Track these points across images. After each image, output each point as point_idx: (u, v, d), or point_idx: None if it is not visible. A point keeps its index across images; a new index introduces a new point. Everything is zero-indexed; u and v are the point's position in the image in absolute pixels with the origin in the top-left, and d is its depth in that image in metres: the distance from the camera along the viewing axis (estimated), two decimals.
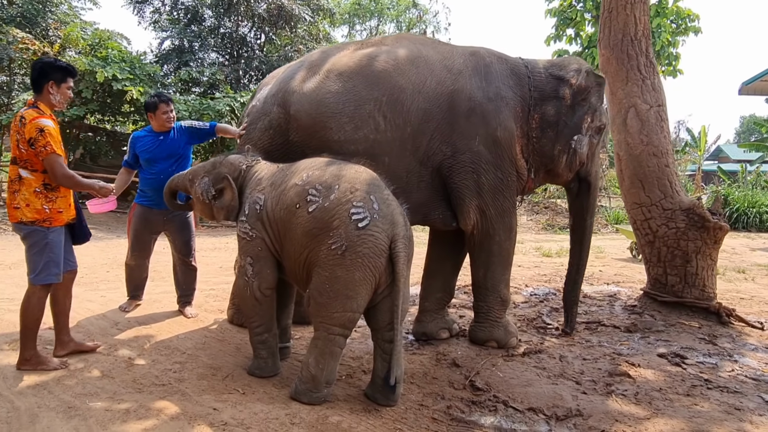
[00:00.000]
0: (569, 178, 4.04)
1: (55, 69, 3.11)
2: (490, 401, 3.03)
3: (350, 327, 2.83)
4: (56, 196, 3.09)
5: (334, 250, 2.71)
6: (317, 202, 2.80)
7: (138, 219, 4.26)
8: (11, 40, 11.92)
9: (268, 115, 3.62)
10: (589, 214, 4.18)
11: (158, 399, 2.78)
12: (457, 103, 3.61)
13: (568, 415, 2.88)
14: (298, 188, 2.89)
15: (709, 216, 4.43)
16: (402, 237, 2.78)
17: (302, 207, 2.84)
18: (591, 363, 3.60)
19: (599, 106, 3.98)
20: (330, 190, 2.81)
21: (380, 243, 2.72)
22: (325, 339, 2.79)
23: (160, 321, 4.09)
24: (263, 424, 2.56)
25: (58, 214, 3.09)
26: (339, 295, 2.73)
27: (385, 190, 2.90)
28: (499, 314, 3.85)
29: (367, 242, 2.70)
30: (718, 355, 3.80)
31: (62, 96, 3.15)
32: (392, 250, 2.74)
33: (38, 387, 2.84)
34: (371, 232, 2.71)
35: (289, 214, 2.89)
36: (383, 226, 2.74)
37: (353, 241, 2.69)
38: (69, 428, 2.43)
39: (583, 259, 4.24)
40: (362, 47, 3.75)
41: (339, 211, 2.74)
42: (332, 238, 2.72)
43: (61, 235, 3.13)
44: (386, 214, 2.77)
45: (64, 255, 3.17)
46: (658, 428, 2.73)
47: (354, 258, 2.69)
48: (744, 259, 8.83)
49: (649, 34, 4.79)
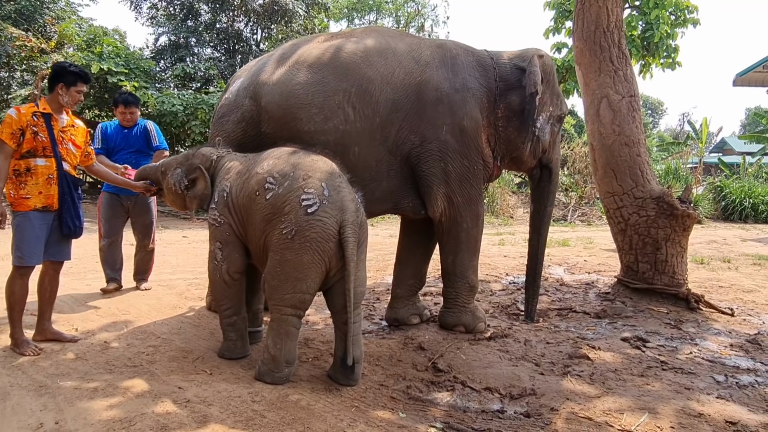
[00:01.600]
0: (533, 165, 4.18)
1: (68, 73, 3.36)
2: (449, 382, 3.15)
3: (302, 308, 2.96)
4: (22, 182, 3.24)
5: (285, 234, 2.84)
6: (274, 190, 2.93)
7: (105, 205, 4.70)
8: (9, 37, 12.06)
9: (240, 108, 3.72)
10: (549, 202, 4.31)
11: (127, 379, 2.90)
12: (425, 94, 3.70)
13: (522, 394, 3.00)
14: (259, 177, 3.04)
15: (678, 204, 4.51)
16: (351, 223, 2.88)
17: (261, 194, 2.98)
18: (554, 346, 3.70)
19: (560, 95, 4.16)
20: (285, 178, 2.95)
21: (329, 228, 2.84)
22: (279, 320, 2.92)
23: (138, 307, 4.22)
24: (225, 402, 2.68)
25: (22, 200, 3.23)
26: (289, 277, 2.86)
27: (337, 178, 3.00)
28: (467, 300, 3.96)
29: (315, 227, 2.82)
30: (680, 338, 3.90)
31: (71, 98, 3.38)
32: (341, 235, 2.85)
33: (13, 367, 2.97)
34: (319, 218, 2.83)
35: (250, 201, 3.04)
36: (332, 212, 2.86)
37: (302, 226, 2.82)
38: (38, 405, 2.56)
39: (542, 247, 4.37)
40: (331, 39, 3.85)
41: (291, 198, 2.87)
42: (283, 223, 2.85)
43: (29, 221, 3.23)
44: (336, 201, 2.88)
45: (49, 245, 3.34)
46: (606, 406, 2.83)
47: (302, 242, 2.81)
48: (733, 249, 8.88)
49: (622, 25, 4.85)
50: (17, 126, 3.19)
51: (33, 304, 3.54)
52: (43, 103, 3.32)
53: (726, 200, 14.66)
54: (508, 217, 13.93)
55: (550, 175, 4.25)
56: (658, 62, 9.00)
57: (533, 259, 4.37)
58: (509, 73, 3.92)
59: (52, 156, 3.29)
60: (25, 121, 3.21)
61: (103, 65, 10.76)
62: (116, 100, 4.77)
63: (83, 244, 7.44)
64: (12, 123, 3.18)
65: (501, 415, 2.77)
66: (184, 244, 8.26)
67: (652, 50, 8.90)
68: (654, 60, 8.99)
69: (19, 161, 3.23)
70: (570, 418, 2.70)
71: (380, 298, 4.95)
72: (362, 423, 2.56)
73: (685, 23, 8.98)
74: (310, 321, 4.18)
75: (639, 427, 2.61)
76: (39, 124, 3.25)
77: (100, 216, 4.73)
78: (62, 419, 2.43)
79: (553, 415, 2.73)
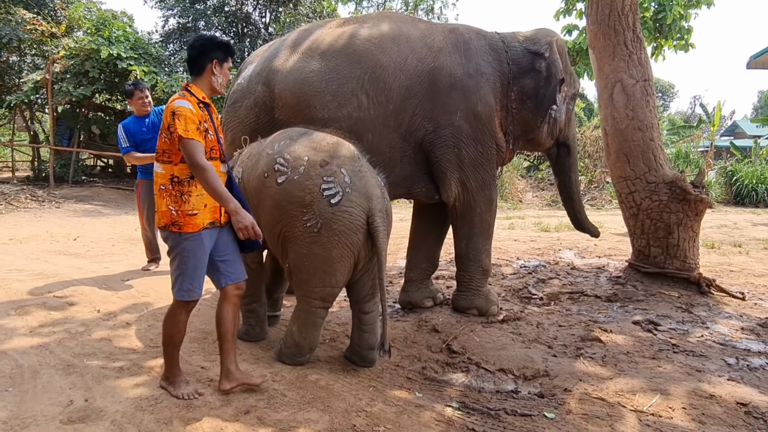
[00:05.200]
0: (550, 145, 4.27)
1: (218, 46, 2.62)
2: (463, 363, 3.21)
3: (330, 300, 2.93)
4: (186, 192, 2.49)
5: (310, 227, 2.72)
6: (286, 174, 2.79)
7: (145, 192, 4.91)
8: (19, 21, 12.08)
9: (253, 94, 3.75)
10: (573, 171, 4.49)
11: (151, 359, 3.00)
12: (438, 80, 3.72)
13: (535, 376, 3.06)
14: (269, 157, 2.91)
15: (691, 189, 4.51)
16: (379, 211, 2.78)
17: (270, 176, 2.83)
18: (566, 329, 3.75)
19: (572, 73, 4.24)
20: (299, 161, 2.79)
21: (356, 219, 2.73)
22: (307, 311, 2.92)
23: (157, 290, 4.31)
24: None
25: (188, 217, 2.48)
26: (318, 271, 2.78)
27: (357, 161, 2.87)
28: (481, 283, 4.01)
29: (341, 219, 2.70)
30: (691, 322, 3.94)
31: (224, 78, 2.65)
32: (370, 226, 2.75)
33: (41, 347, 3.06)
34: (345, 209, 2.71)
35: (260, 183, 2.90)
36: (358, 201, 2.74)
37: (328, 219, 2.69)
38: (67, 383, 2.65)
39: (578, 203, 4.58)
40: (344, 25, 3.86)
41: (309, 186, 2.72)
42: (306, 215, 2.72)
43: (199, 242, 2.51)
44: (359, 188, 2.76)
45: (227, 265, 2.64)
46: (619, 387, 2.89)
47: (330, 236, 2.70)
48: (744, 233, 8.86)
49: (637, 9, 4.80)
50: (199, 119, 2.48)
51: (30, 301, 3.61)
52: (196, 90, 2.57)
53: (737, 184, 14.54)
54: (517, 201, 13.91)
55: (568, 152, 4.38)
56: (671, 44, 8.89)
57: (573, 216, 4.66)
58: (521, 56, 3.93)
59: (217, 157, 2.58)
60: (200, 114, 2.51)
61: (113, 50, 10.76)
62: (129, 90, 4.86)
63: (98, 229, 7.60)
64: (194, 117, 2.45)
65: (515, 396, 2.83)
66: None
67: (665, 32, 8.78)
68: (666, 42, 8.87)
69: (181, 166, 2.49)
70: (583, 398, 2.76)
71: (393, 282, 5.01)
72: (380, 402, 2.63)
73: (699, 4, 8.81)
74: None
75: (651, 407, 2.66)
76: (206, 118, 2.55)
77: (139, 202, 4.99)
78: (91, 397, 2.52)
79: (566, 396, 2.79)
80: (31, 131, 13.48)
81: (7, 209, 9.15)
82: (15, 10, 12.25)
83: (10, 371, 2.75)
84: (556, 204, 13.85)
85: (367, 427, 2.37)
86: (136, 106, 4.80)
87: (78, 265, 5.10)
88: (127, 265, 5.16)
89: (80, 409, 2.41)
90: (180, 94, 2.53)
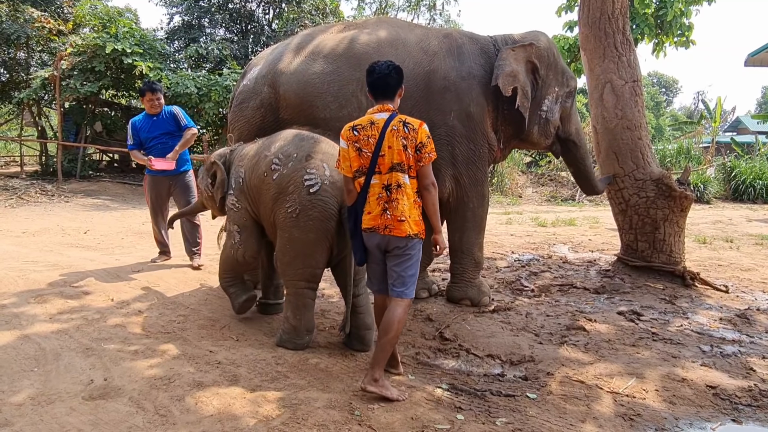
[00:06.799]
0: (548, 144, 4.45)
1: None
2: (454, 349, 3.43)
3: (315, 281, 3.21)
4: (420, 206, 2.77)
5: (290, 213, 3.08)
6: (279, 170, 3.17)
7: (150, 187, 5.14)
8: (27, 18, 12.31)
9: (259, 95, 3.97)
10: (587, 158, 4.72)
11: (163, 343, 3.22)
12: (433, 83, 3.93)
13: (521, 361, 3.27)
14: (267, 159, 3.27)
15: (676, 186, 4.71)
16: None
17: (268, 175, 3.22)
18: (553, 319, 3.97)
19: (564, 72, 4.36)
20: (289, 158, 3.17)
21: (330, 208, 3.06)
22: (296, 294, 3.20)
23: (167, 281, 4.53)
24: (252, 364, 2.98)
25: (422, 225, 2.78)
26: (299, 254, 3.12)
27: None
28: (473, 275, 4.22)
29: (317, 207, 3.05)
30: (673, 312, 4.15)
31: None
32: (341, 216, 3.06)
33: (60, 332, 3.29)
34: (321, 197, 3.05)
35: (261, 182, 3.28)
36: (333, 192, 3.07)
37: (305, 206, 3.05)
38: (87, 364, 2.87)
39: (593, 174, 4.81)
40: (345, 30, 4.07)
41: (294, 177, 3.10)
42: (288, 202, 3.09)
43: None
44: (337, 181, 3.08)
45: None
46: (598, 371, 3.10)
47: (307, 221, 3.05)
48: (737, 229, 9.03)
49: (627, 12, 4.99)
50: None
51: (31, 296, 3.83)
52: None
53: (736, 180, 14.68)
54: (516, 197, 14.11)
55: (575, 145, 4.57)
56: (672, 40, 9.01)
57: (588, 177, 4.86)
58: None
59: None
60: None
61: (118, 46, 10.97)
62: (143, 90, 5.07)
63: (107, 222, 7.84)
64: None
65: (501, 378, 3.05)
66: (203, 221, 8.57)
67: (666, 28, 8.90)
68: (667, 38, 8.99)
69: (415, 181, 2.73)
70: (564, 381, 2.98)
71: None
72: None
73: (700, 0, 8.91)
74: (325, 294, 4.47)
75: (626, 389, 2.88)
76: None
77: (147, 197, 5.21)
78: (110, 376, 2.74)
79: (548, 379, 3.01)
80: (39, 127, 13.74)
81: (18, 203, 9.41)
82: (23, 7, 12.48)
83: (34, 353, 2.98)
84: (555, 200, 14.05)
85: (363, 405, 2.58)
86: (145, 105, 5.06)
87: (90, 257, 5.34)
88: (137, 257, 5.39)
89: (100, 387, 2.63)
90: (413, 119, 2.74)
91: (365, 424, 2.40)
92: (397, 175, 2.68)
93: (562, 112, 4.37)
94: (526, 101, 4.08)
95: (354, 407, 2.55)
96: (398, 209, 2.67)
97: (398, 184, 2.67)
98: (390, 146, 2.66)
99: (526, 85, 4.08)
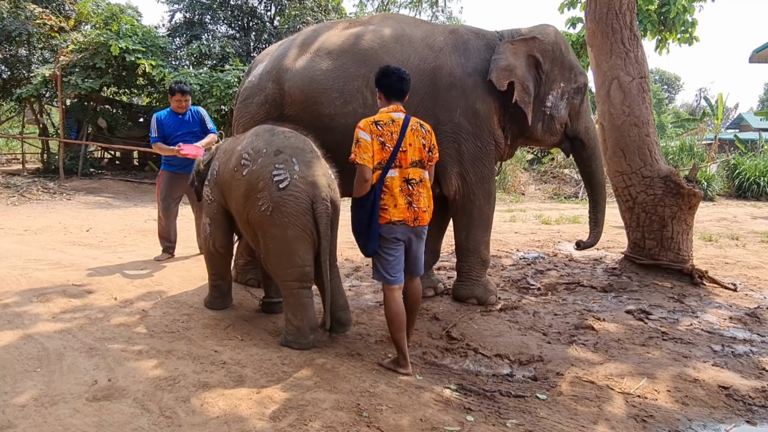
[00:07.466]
0: (555, 141, 4.37)
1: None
2: (462, 349, 3.39)
3: (306, 279, 3.15)
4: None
5: (264, 211, 3.05)
6: (249, 166, 3.14)
7: (165, 182, 5.17)
8: (29, 15, 12.25)
9: (263, 91, 3.93)
10: (593, 162, 4.54)
11: (167, 343, 3.18)
12: (439, 79, 3.87)
13: (530, 361, 3.23)
14: (237, 153, 3.26)
15: (684, 183, 4.66)
16: (323, 198, 3.07)
17: (238, 170, 3.20)
18: (561, 318, 3.92)
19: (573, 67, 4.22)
20: (259, 154, 3.14)
21: (302, 203, 3.03)
22: (291, 295, 3.16)
23: (170, 279, 4.50)
24: (257, 364, 2.94)
25: None
26: (282, 253, 3.09)
27: (309, 154, 3.18)
28: (480, 273, 4.18)
29: (289, 203, 3.02)
30: (682, 311, 4.10)
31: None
32: (314, 211, 3.05)
33: (64, 332, 3.25)
34: (291, 193, 3.02)
35: (231, 177, 3.27)
36: (304, 187, 3.04)
37: (277, 202, 3.02)
38: (90, 365, 2.84)
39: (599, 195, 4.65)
40: (350, 27, 4.02)
41: (263, 174, 3.07)
42: (260, 200, 3.06)
43: None
44: (307, 176, 3.07)
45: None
46: (608, 371, 3.06)
47: (281, 217, 3.02)
48: (743, 226, 8.98)
49: (634, 7, 4.93)
50: None
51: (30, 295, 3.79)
52: None
53: (740, 178, 14.60)
54: (519, 194, 14.05)
55: (582, 145, 4.43)
56: (675, 37, 8.95)
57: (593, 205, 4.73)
58: None
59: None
60: None
61: (121, 44, 10.91)
62: (173, 89, 5.10)
63: (109, 220, 7.80)
64: None
65: (510, 379, 3.01)
66: None
67: (669, 25, 8.85)
68: (671, 35, 8.94)
69: None
70: (574, 381, 2.94)
71: None
72: (383, 384, 2.80)
73: None
74: None
75: (638, 390, 2.83)
76: None
77: (159, 193, 5.20)
78: (114, 377, 2.70)
79: (558, 379, 2.97)
80: (41, 124, 13.69)
81: (20, 201, 9.38)
82: (24, 4, 12.42)
83: (37, 353, 2.94)
84: (558, 197, 13.99)
85: (371, 406, 2.54)
86: (173, 104, 5.10)
87: (93, 255, 5.30)
88: (140, 255, 5.36)
89: (104, 388, 2.59)
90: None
91: (374, 426, 2.37)
92: (418, 170, 2.96)
93: (570, 109, 4.27)
94: (527, 96, 3.98)
95: (362, 408, 2.51)
96: (422, 201, 2.95)
97: (420, 179, 2.96)
98: (411, 144, 2.93)
99: (525, 80, 3.98)
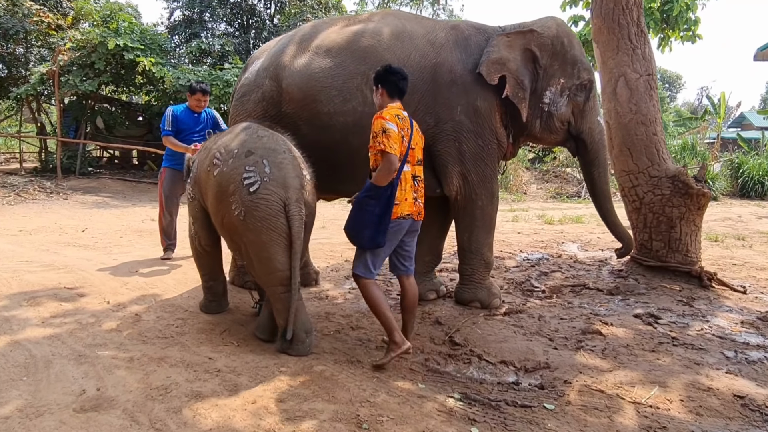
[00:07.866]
0: (556, 140, 4.22)
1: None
2: (465, 355, 3.27)
3: (288, 283, 3.00)
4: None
5: (237, 216, 2.94)
6: (219, 167, 3.03)
7: (168, 180, 5.16)
8: (26, 13, 12.13)
9: (260, 88, 3.81)
10: (595, 167, 4.31)
11: (160, 349, 3.07)
12: (440, 76, 3.76)
13: (536, 368, 3.11)
14: (211, 153, 3.16)
15: (693, 183, 4.54)
16: (296, 201, 2.95)
17: (211, 170, 3.10)
18: (567, 322, 3.80)
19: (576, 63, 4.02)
20: (230, 154, 3.04)
21: (274, 206, 2.92)
22: (279, 300, 3.03)
23: (165, 282, 4.39)
24: (253, 372, 2.83)
25: None
26: (260, 258, 2.99)
27: (281, 155, 3.04)
28: (483, 276, 4.06)
29: (260, 207, 2.91)
30: (691, 315, 3.98)
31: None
32: (287, 214, 2.93)
33: (53, 338, 3.14)
34: (263, 196, 2.90)
35: (205, 176, 3.18)
36: (275, 189, 2.93)
37: (248, 206, 2.91)
38: (79, 373, 2.72)
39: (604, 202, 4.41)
40: (350, 23, 3.91)
41: (233, 176, 2.96)
42: (233, 204, 2.95)
43: None
44: (278, 178, 2.95)
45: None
46: (618, 379, 2.94)
47: (254, 222, 2.91)
48: (748, 226, 8.85)
49: (641, 3, 4.80)
50: None
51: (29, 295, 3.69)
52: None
53: (744, 177, 14.47)
54: (521, 194, 13.93)
55: (585, 147, 4.21)
56: (678, 35, 8.82)
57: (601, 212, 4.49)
58: None
59: None
60: None
61: (119, 41, 10.80)
62: (194, 89, 5.05)
63: (105, 220, 7.68)
64: None
65: (516, 387, 2.89)
66: None
67: (672, 23, 8.72)
68: (673, 33, 8.81)
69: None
70: (582, 390, 2.82)
71: None
72: (384, 393, 2.69)
73: None
74: (329, 296, 4.32)
75: (649, 399, 2.72)
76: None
77: (161, 191, 5.18)
78: (103, 386, 2.59)
79: (566, 387, 2.85)
80: (38, 123, 13.58)
81: (16, 200, 9.27)
82: (21, 1, 12.30)
83: (23, 361, 2.83)
84: (560, 196, 13.87)
85: (371, 417, 2.43)
86: (191, 103, 5.07)
87: (87, 256, 5.19)
88: (135, 256, 5.25)
89: (92, 398, 2.48)
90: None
91: None
92: (420, 168, 3.08)
93: (573, 106, 4.11)
94: (520, 91, 3.82)
95: (362, 420, 2.40)
96: (421, 198, 3.08)
97: (421, 177, 3.08)
98: (417, 142, 3.04)
99: (520, 74, 3.82)
